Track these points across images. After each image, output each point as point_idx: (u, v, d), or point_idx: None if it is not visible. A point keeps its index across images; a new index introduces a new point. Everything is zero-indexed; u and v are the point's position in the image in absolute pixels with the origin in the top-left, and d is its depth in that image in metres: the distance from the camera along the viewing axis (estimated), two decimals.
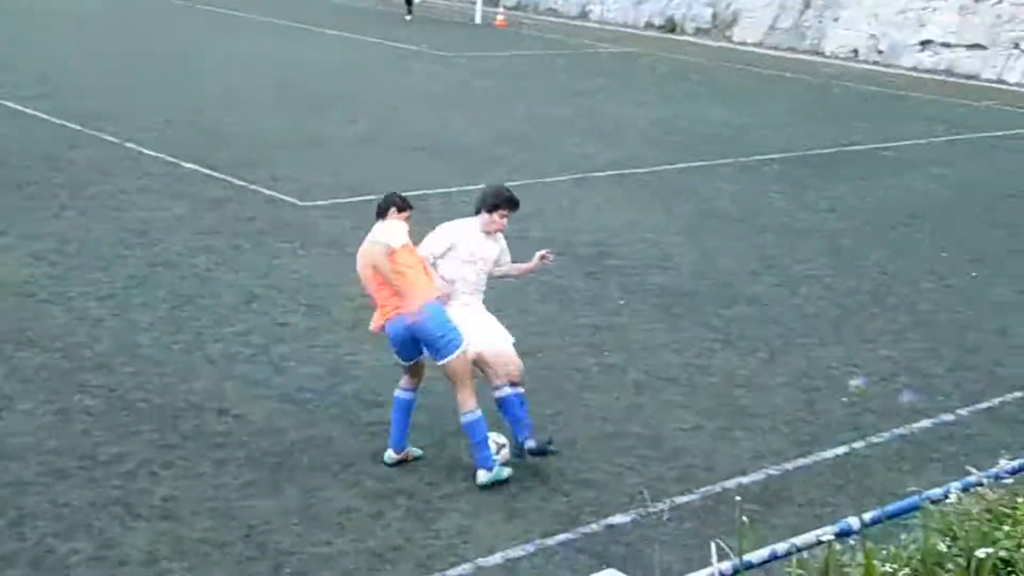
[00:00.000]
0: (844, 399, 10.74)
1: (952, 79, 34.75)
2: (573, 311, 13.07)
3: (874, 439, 9.99)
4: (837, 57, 38.22)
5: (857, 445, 9.80)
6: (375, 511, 8.45)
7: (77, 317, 11.97)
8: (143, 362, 10.91)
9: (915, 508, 5.61)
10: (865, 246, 16.28)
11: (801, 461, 9.64)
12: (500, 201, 9.53)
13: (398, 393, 9.28)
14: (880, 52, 37.65)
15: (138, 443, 9.30)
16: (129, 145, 19.63)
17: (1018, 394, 11.22)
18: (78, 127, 20.75)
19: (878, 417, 10.45)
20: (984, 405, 10.94)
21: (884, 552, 5.21)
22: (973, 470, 6.06)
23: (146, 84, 25.70)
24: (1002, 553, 5.06)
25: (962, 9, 35.96)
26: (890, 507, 5.71)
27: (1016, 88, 33.55)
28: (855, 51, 38.36)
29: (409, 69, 30.95)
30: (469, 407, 8.88)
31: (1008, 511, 5.54)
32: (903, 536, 5.48)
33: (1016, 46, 34.87)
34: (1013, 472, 6.09)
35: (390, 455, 9.21)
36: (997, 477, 5.96)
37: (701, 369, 11.51)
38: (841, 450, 9.73)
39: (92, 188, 17.02)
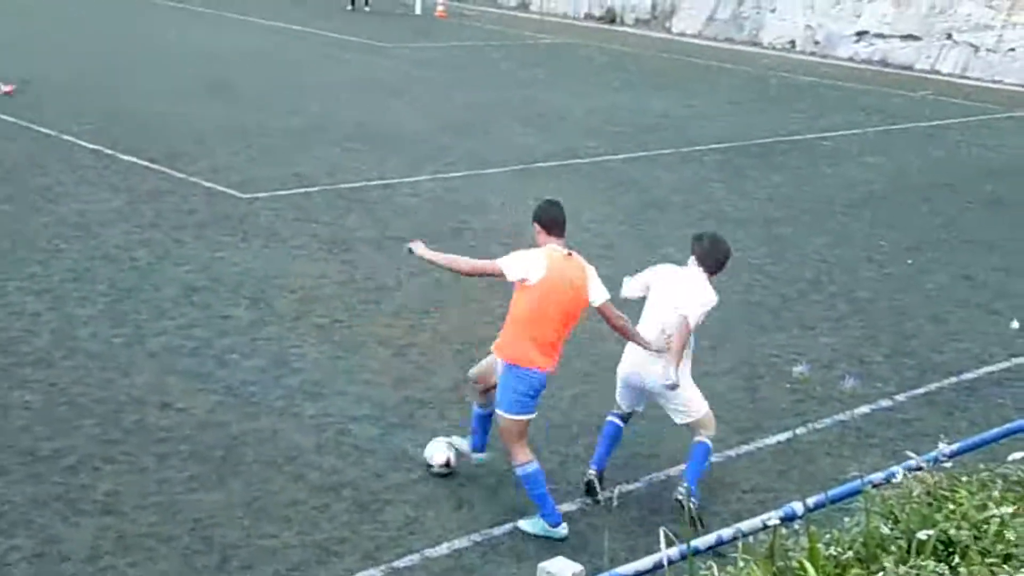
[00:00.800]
0: (786, 386, 10.88)
1: (887, 69, 35.20)
2: None
3: (815, 425, 10.14)
4: (775, 48, 38.56)
5: (799, 431, 9.94)
6: (321, 504, 8.43)
7: (14, 312, 11.79)
8: (83, 356, 10.77)
9: (857, 492, 5.71)
10: (804, 234, 16.48)
11: (744, 448, 9.75)
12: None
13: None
14: (817, 43, 38.04)
15: (79, 438, 9.19)
16: (65, 138, 19.34)
17: (954, 380, 11.43)
18: (11, 119, 20.41)
19: (819, 403, 10.61)
20: (921, 391, 11.13)
21: (828, 536, 5.29)
22: (912, 455, 6.17)
23: (79, 75, 25.33)
24: (942, 534, 5.16)
25: (897, 1, 36.44)
26: (833, 492, 5.81)
27: (949, 78, 34.06)
28: (792, 42, 38.73)
29: (350, 60, 30.78)
30: None
31: (947, 494, 5.66)
32: (846, 520, 5.57)
33: (949, 36, 35.40)
34: (951, 456, 6.22)
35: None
36: (936, 461, 6.07)
37: None
38: (783, 436, 9.86)
39: (27, 181, 16.75)
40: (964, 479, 5.90)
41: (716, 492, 8.89)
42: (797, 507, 5.58)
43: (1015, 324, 10.11)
